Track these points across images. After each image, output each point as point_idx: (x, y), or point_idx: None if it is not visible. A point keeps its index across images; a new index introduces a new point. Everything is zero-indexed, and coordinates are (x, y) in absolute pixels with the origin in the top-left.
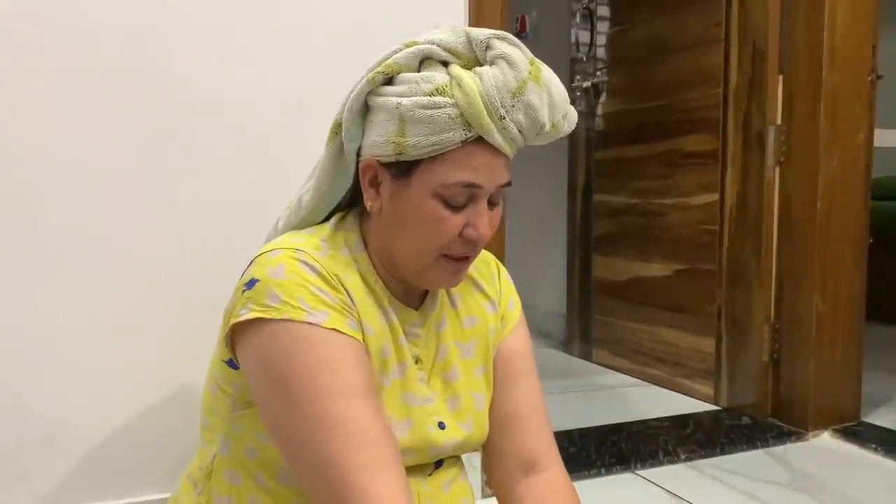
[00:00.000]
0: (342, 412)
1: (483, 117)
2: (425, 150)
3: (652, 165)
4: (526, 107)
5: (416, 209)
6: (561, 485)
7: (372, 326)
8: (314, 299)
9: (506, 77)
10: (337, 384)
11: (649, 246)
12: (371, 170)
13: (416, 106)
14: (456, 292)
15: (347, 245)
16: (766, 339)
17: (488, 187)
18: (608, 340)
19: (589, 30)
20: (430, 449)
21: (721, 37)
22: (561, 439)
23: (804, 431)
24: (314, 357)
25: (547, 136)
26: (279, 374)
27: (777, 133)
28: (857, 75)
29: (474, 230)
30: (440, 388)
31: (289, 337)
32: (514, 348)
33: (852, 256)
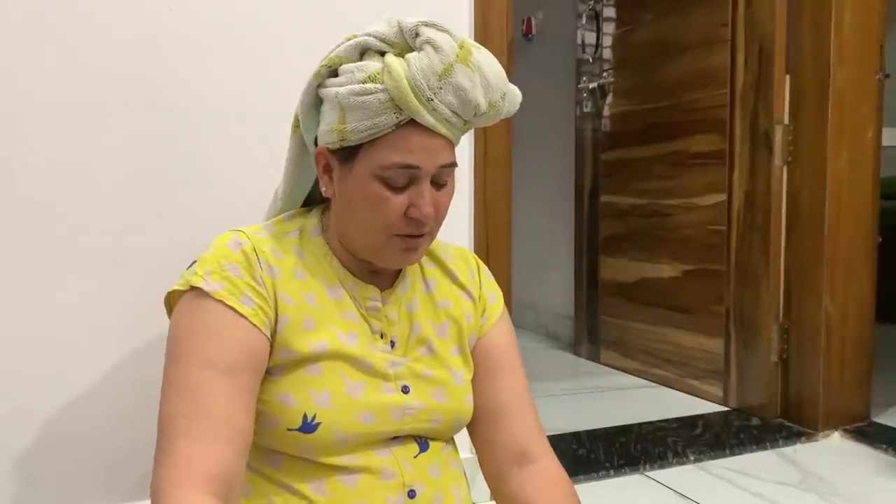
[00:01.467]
0: (193, 380)
1: (411, 100)
2: (362, 134)
3: (659, 166)
4: (455, 88)
5: (360, 191)
6: (556, 475)
7: (295, 300)
8: (218, 273)
9: (431, 61)
10: (201, 354)
11: (657, 247)
12: (323, 157)
13: (351, 94)
14: (432, 279)
15: (301, 230)
16: (775, 340)
17: (427, 167)
18: (616, 342)
19: (595, 31)
20: (391, 410)
21: (727, 37)
22: (569, 441)
23: (814, 432)
24: (194, 323)
25: (486, 116)
26: (169, 335)
27: (784, 133)
28: (864, 74)
29: (417, 210)
30: (414, 360)
31: (186, 304)
32: (497, 341)
33: (861, 256)
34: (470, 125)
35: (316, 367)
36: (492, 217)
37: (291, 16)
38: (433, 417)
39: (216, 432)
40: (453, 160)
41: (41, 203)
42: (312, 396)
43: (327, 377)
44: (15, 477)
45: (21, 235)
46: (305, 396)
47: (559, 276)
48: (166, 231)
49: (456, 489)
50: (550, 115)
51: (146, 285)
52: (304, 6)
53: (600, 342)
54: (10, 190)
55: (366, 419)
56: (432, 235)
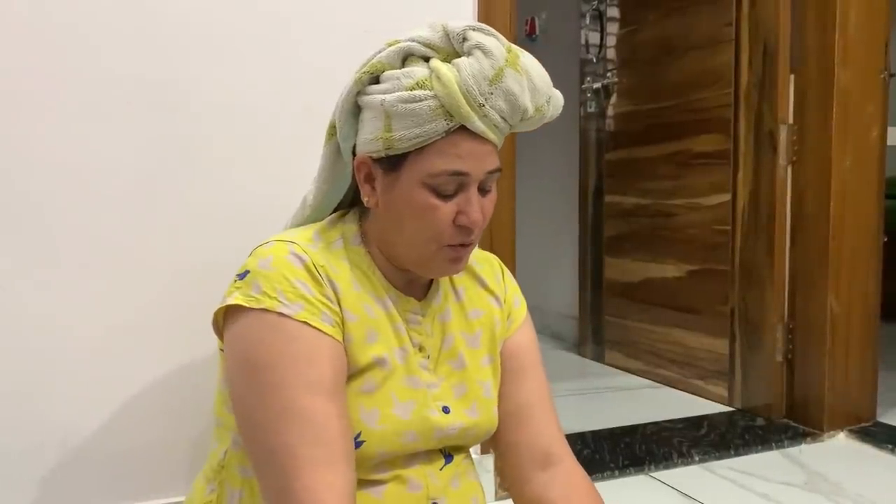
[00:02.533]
0: (303, 406)
1: (462, 106)
2: (411, 142)
3: (663, 166)
4: (505, 93)
5: (407, 201)
6: (579, 477)
7: (357, 314)
8: (292, 292)
9: (482, 66)
10: (303, 379)
11: (661, 247)
12: (365, 167)
13: (399, 101)
14: (461, 286)
15: (344, 238)
16: (780, 340)
17: (476, 174)
18: (620, 342)
19: (599, 31)
20: (434, 431)
21: (731, 37)
22: (574, 441)
23: (819, 432)
24: (286, 348)
25: (532, 121)
26: (251, 360)
27: (789, 132)
28: (869, 73)
29: (466, 217)
30: (446, 375)
31: (263, 325)
32: (521, 344)
33: (866, 255)
34: (514, 130)
35: (371, 383)
36: (496, 218)
37: (298, 14)
38: (468, 434)
39: (341, 454)
40: (499, 165)
41: (47, 204)
42: (361, 413)
43: (378, 394)
44: (22, 475)
45: (28, 236)
46: (354, 413)
47: (563, 277)
48: (171, 232)
49: (474, 498)
50: None
51: (151, 286)
52: (311, 4)
53: (605, 342)
54: (17, 191)
55: (409, 439)
56: (475, 244)
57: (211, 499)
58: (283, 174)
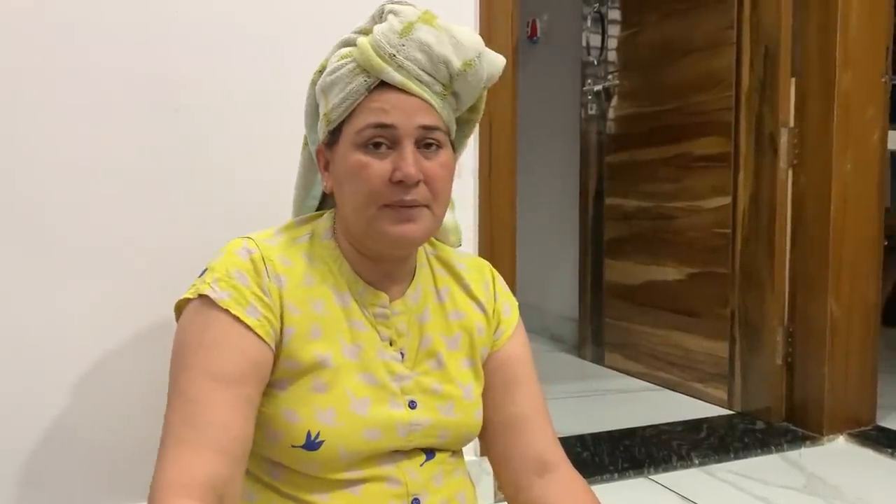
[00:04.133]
0: (194, 389)
1: (373, 58)
2: (340, 108)
3: (664, 169)
4: (419, 44)
5: (344, 166)
6: (576, 482)
7: (301, 309)
8: (226, 281)
9: (391, 23)
10: (204, 364)
11: (661, 249)
12: (321, 155)
13: (327, 74)
14: (444, 287)
15: (312, 234)
16: (780, 343)
17: (405, 127)
18: (620, 344)
19: (600, 34)
20: (396, 427)
21: (732, 39)
22: (573, 444)
23: (819, 436)
24: (200, 332)
25: (465, 78)
26: (175, 342)
27: (790, 135)
28: (870, 77)
29: (400, 172)
30: (423, 373)
31: (192, 309)
32: (513, 354)
33: (867, 259)
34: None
35: (321, 381)
36: (497, 220)
37: (300, 15)
38: (440, 433)
39: (211, 441)
40: (437, 124)
41: (48, 202)
42: (317, 413)
43: (332, 393)
44: (19, 475)
45: (28, 234)
46: (309, 413)
47: (564, 279)
48: (176, 230)
49: (461, 494)
50: (555, 117)
51: (153, 285)
52: (314, 6)
53: (605, 345)
54: (17, 189)
55: (371, 436)
56: (433, 212)
57: None
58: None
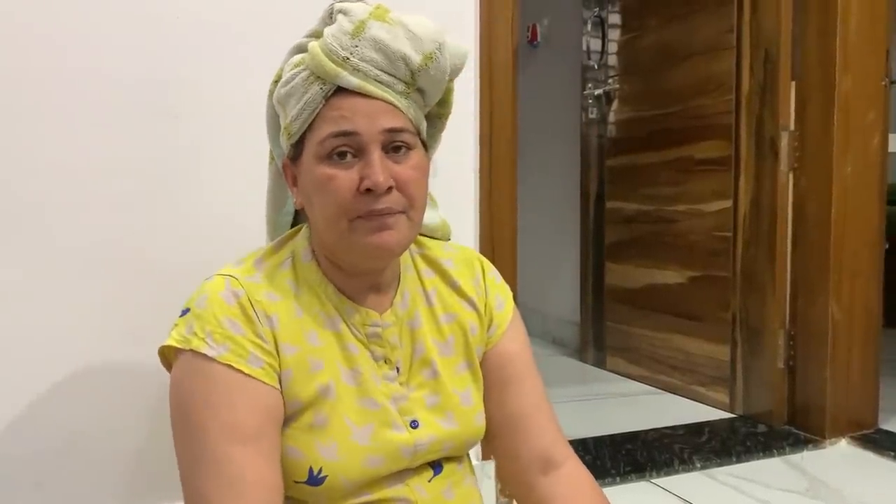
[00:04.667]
0: (219, 454)
1: (326, 64)
2: (299, 120)
3: (664, 172)
4: (373, 42)
5: (310, 181)
6: (582, 478)
7: (298, 345)
8: (220, 333)
9: (341, 24)
10: (220, 425)
11: (662, 253)
12: (287, 170)
13: (282, 86)
14: (432, 289)
15: (294, 256)
16: (782, 346)
17: (368, 133)
18: (622, 348)
19: (600, 38)
20: (400, 451)
21: (732, 43)
22: (576, 447)
23: (821, 439)
24: (206, 392)
25: (428, 73)
26: (177, 402)
27: (790, 139)
28: (870, 80)
29: (368, 180)
30: (418, 386)
31: (189, 367)
32: (510, 350)
33: (868, 262)
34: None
35: (321, 415)
36: (497, 224)
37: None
38: (444, 446)
39: (257, 501)
40: (403, 125)
41: (47, 206)
42: (318, 449)
43: (333, 426)
44: (23, 480)
45: (28, 239)
46: (311, 449)
47: (565, 282)
48: (174, 235)
49: None
50: (556, 121)
51: (153, 289)
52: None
53: (606, 348)
54: (17, 193)
55: (374, 463)
56: (410, 217)
57: None
58: None
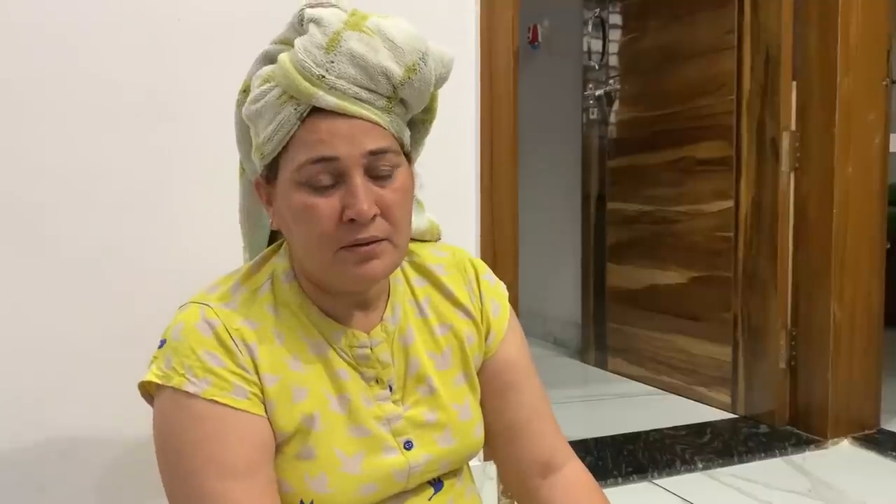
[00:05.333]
0: (212, 492)
1: (300, 83)
2: (273, 142)
3: (666, 173)
4: (350, 57)
5: (287, 207)
6: (582, 479)
7: (279, 374)
8: (200, 367)
9: (313, 37)
10: (212, 463)
11: (664, 253)
12: (259, 188)
13: (251, 103)
14: (424, 298)
15: (273, 278)
16: (783, 346)
17: (349, 156)
18: (623, 349)
19: (601, 38)
20: (393, 476)
21: (733, 44)
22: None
23: (823, 439)
24: (193, 430)
25: (412, 85)
26: (162, 441)
27: (791, 139)
28: (871, 81)
29: (351, 210)
30: (414, 404)
31: (172, 405)
32: (508, 357)
33: (869, 262)
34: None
35: (307, 446)
36: (499, 225)
37: None
38: (440, 465)
39: None
40: (386, 146)
41: (46, 209)
42: (307, 481)
43: (321, 457)
44: (25, 484)
45: (27, 242)
46: (300, 482)
47: (566, 283)
48: (171, 237)
49: None
50: (557, 122)
51: (155, 293)
52: None
53: (608, 349)
54: (16, 196)
55: (368, 491)
56: (395, 244)
57: None
58: None
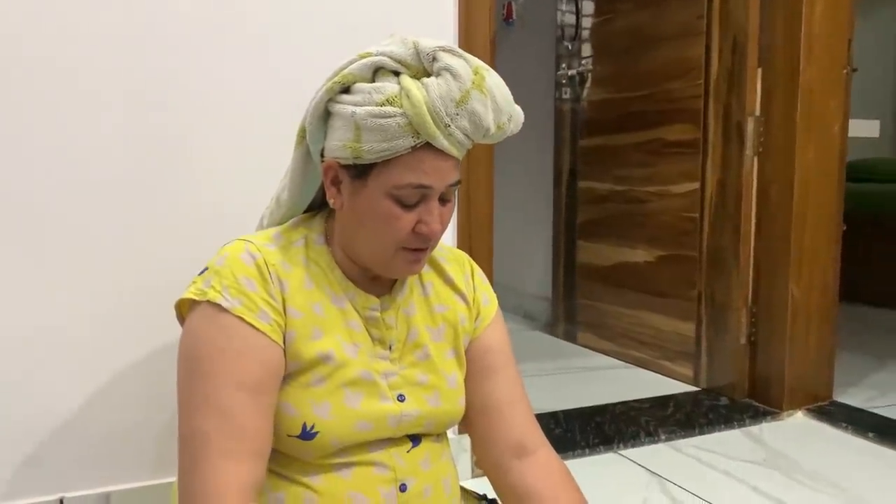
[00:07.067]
0: (226, 398)
1: (429, 126)
2: (378, 154)
3: (635, 154)
4: (470, 114)
5: (372, 208)
6: (554, 463)
7: (303, 311)
8: (235, 288)
9: (450, 88)
10: (230, 372)
11: (633, 232)
12: (332, 171)
13: (369, 115)
14: (428, 282)
15: (306, 239)
16: (744, 323)
17: (438, 187)
18: (592, 324)
19: (574, 19)
20: (387, 419)
21: (703, 29)
22: (547, 421)
23: (779, 411)
24: (218, 340)
25: (493, 137)
26: (189, 347)
27: (756, 124)
28: (833, 69)
29: (426, 227)
30: (409, 365)
31: (203, 316)
32: (492, 342)
33: (826, 244)
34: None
35: (317, 376)
36: (474, 202)
37: (281, 16)
38: (427, 422)
39: (252, 449)
40: (459, 178)
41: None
42: (312, 407)
43: (328, 387)
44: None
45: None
46: (306, 407)
47: (538, 259)
48: (157, 228)
49: (446, 479)
50: (530, 100)
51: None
52: (294, 7)
53: (577, 324)
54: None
55: (363, 427)
56: (434, 247)
57: None
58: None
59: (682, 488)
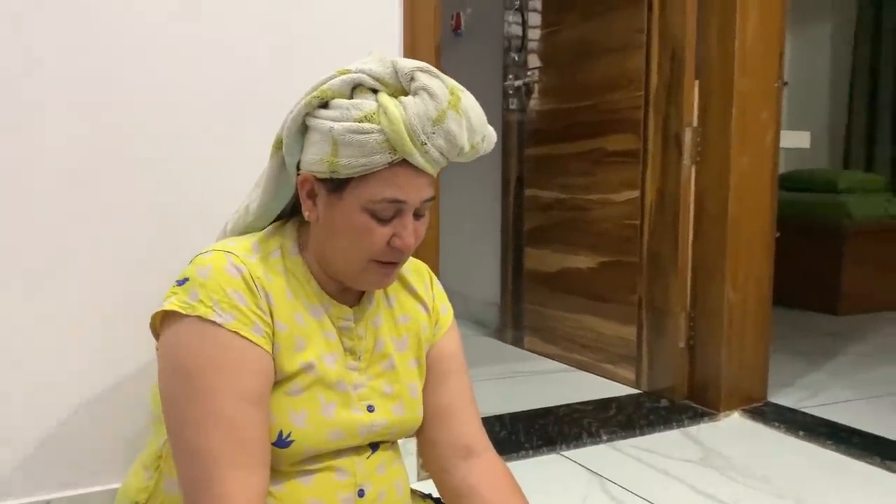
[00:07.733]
0: (229, 412)
1: (406, 143)
2: (355, 169)
3: (579, 163)
4: (446, 133)
5: (347, 221)
6: (498, 466)
7: (288, 324)
8: (227, 302)
9: (427, 107)
10: (230, 386)
11: (576, 239)
12: (308, 183)
13: (347, 131)
14: (392, 294)
15: (282, 249)
16: (683, 327)
17: (412, 202)
18: (538, 328)
19: (521, 30)
20: (358, 429)
21: (643, 42)
22: (493, 423)
23: (716, 412)
24: (216, 356)
25: (467, 156)
26: (183, 364)
27: (693, 134)
28: (765, 82)
29: (400, 240)
30: (376, 375)
31: (196, 332)
32: (447, 349)
33: (761, 249)
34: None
35: (298, 386)
36: None
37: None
38: (392, 430)
39: (259, 459)
40: (433, 194)
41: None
42: (290, 415)
43: (306, 398)
44: None
45: None
46: (283, 414)
47: (486, 266)
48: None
49: (399, 483)
50: None
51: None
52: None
53: (524, 328)
54: None
55: (335, 436)
56: (405, 262)
57: (149, 485)
58: (217, 171)
59: (622, 487)
